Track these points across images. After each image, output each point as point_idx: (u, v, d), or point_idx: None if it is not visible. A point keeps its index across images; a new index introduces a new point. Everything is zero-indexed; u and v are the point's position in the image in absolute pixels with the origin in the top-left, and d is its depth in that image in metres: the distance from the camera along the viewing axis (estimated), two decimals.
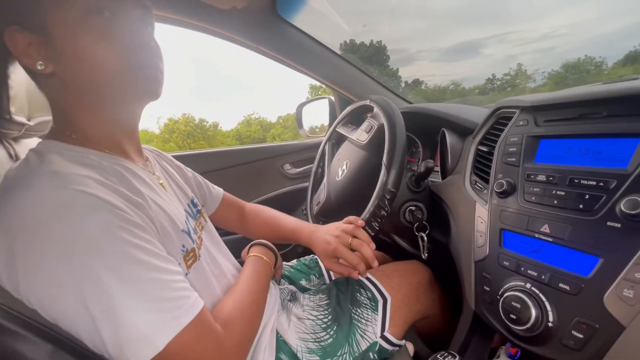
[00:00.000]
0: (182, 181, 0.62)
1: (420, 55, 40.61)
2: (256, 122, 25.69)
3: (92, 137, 0.44)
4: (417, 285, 0.74)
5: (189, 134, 30.58)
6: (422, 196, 0.76)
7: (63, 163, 0.37)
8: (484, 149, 0.63)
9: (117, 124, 0.47)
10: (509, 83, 24.08)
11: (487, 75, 33.92)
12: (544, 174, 0.49)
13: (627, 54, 23.24)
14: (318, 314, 0.66)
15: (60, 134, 0.43)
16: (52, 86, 0.42)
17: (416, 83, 45.72)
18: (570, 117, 0.50)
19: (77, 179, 0.35)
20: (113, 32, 0.41)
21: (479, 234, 0.57)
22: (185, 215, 0.52)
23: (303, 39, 1.03)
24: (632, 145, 0.41)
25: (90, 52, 0.40)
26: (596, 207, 0.41)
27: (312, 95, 23.06)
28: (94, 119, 0.44)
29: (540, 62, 34.80)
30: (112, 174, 0.41)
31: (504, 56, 38.98)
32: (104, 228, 0.33)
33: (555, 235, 0.45)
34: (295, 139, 2.51)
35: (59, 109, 0.44)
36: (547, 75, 22.12)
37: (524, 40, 45.07)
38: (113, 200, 0.35)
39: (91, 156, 0.41)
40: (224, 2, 0.84)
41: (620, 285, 0.37)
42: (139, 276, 0.34)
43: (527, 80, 23.41)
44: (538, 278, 0.45)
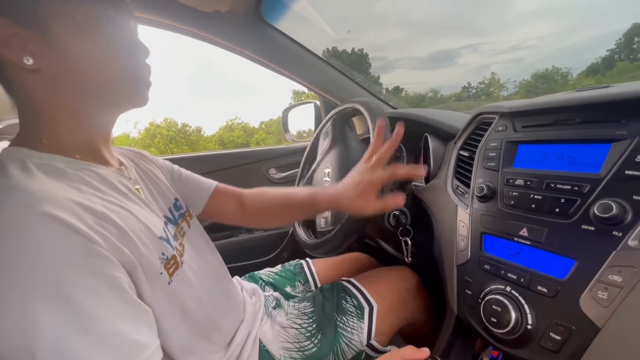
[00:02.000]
0: (165, 182, 0.59)
1: (399, 63, 41.86)
2: (239, 128, 25.45)
3: (66, 141, 0.42)
4: (404, 292, 0.74)
5: (172, 138, 29.96)
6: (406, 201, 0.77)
7: (24, 175, 0.35)
8: (465, 154, 0.64)
9: (95, 127, 0.46)
10: (484, 91, 25.25)
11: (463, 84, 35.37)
12: (522, 178, 0.50)
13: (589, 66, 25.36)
14: (302, 322, 0.65)
15: (27, 139, 0.41)
16: (31, 84, 0.40)
17: (397, 90, 46.62)
18: (545, 123, 0.51)
19: (37, 195, 0.32)
20: (113, 37, 0.42)
21: (460, 237, 0.57)
22: (163, 221, 0.50)
23: (288, 43, 1.03)
24: (603, 151, 0.42)
25: (91, 55, 0.40)
26: (571, 211, 0.42)
27: (295, 100, 23.16)
28: (72, 121, 0.43)
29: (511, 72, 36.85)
30: (79, 183, 0.38)
31: (478, 65, 40.85)
32: (56, 262, 0.30)
33: (533, 239, 0.46)
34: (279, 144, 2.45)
35: (33, 109, 0.41)
36: (518, 84, 23.59)
37: (495, 50, 47.49)
38: (73, 220, 0.32)
39: (58, 163, 0.39)
40: (207, 5, 0.84)
41: (595, 287, 0.38)
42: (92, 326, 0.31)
43: (500, 88, 24.67)
44: (517, 281, 0.46)
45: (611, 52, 24.14)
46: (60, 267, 0.30)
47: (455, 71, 40.57)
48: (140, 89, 0.45)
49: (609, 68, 22.24)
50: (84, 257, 0.32)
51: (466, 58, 40.92)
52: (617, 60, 22.50)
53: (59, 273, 0.30)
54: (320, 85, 1.15)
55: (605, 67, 22.78)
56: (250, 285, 0.77)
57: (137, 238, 0.39)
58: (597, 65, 24.08)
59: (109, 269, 0.34)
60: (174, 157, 1.19)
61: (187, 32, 0.92)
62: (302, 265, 0.91)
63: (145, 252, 0.40)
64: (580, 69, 26.79)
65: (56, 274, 0.30)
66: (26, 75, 0.39)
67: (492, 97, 24.03)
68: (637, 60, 21.37)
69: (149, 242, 0.41)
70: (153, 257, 0.41)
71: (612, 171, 0.40)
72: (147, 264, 0.40)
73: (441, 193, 0.66)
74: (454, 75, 41.28)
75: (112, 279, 0.34)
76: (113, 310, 0.33)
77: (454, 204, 0.61)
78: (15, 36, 0.37)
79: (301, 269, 0.90)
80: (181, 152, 28.58)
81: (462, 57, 42.87)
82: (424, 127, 0.83)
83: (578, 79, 23.35)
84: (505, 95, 23.44)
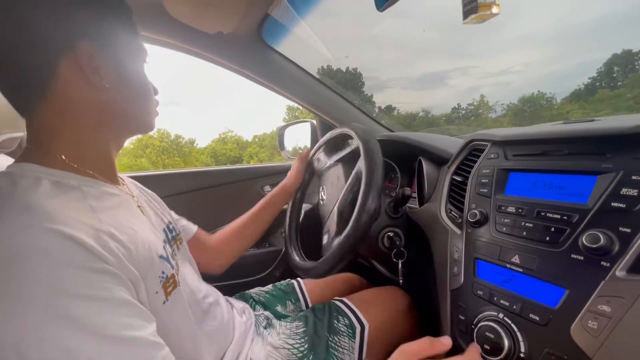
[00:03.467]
0: (157, 205, 0.60)
1: (391, 83, 43.36)
2: (232, 141, 25.46)
3: (82, 158, 0.43)
4: (395, 312, 0.74)
5: (164, 149, 29.79)
6: (400, 222, 0.78)
7: (38, 192, 0.35)
8: (459, 179, 0.66)
9: (115, 147, 0.49)
10: (473, 113, 26.24)
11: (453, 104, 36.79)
12: (513, 205, 0.51)
13: (572, 92, 26.76)
14: (294, 342, 0.64)
15: (40, 155, 0.41)
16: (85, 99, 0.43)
17: (389, 109, 47.74)
18: (535, 152, 0.53)
19: (53, 215, 0.33)
20: (145, 67, 0.50)
21: (454, 262, 0.58)
22: (162, 239, 0.50)
23: (287, 64, 1.06)
24: (590, 182, 0.44)
25: (141, 82, 0.48)
26: (561, 240, 0.44)
27: (289, 115, 23.41)
28: (99, 140, 0.46)
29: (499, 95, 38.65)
30: (91, 200, 0.39)
31: (468, 87, 42.62)
32: (71, 278, 0.31)
33: (525, 266, 0.47)
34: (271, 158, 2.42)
35: (63, 123, 0.42)
36: (506, 107, 24.64)
37: (484, 74, 49.85)
38: (86, 239, 0.33)
39: (71, 181, 0.40)
40: (210, 26, 0.86)
41: (585, 317, 0.39)
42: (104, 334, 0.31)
43: (488, 110, 25.65)
44: (510, 308, 0.47)
45: (593, 80, 25.53)
46: (71, 282, 0.31)
47: (445, 92, 42.24)
48: (155, 117, 0.53)
49: (590, 95, 23.48)
50: (96, 273, 0.33)
51: (456, 80, 42.79)
52: (598, 88, 23.78)
53: (71, 288, 0.31)
54: (317, 105, 1.17)
55: (587, 94, 24.09)
56: (241, 304, 0.76)
57: (142, 257, 0.40)
58: (580, 92, 25.45)
59: (119, 284, 0.35)
60: (171, 172, 1.19)
61: (190, 52, 0.94)
62: (294, 285, 0.90)
63: (148, 270, 0.41)
64: (564, 94, 28.23)
65: (68, 289, 0.30)
66: (90, 94, 0.42)
67: (481, 119, 25.03)
68: (616, 88, 22.64)
69: (152, 260, 0.42)
70: (154, 276, 0.42)
71: (599, 202, 0.42)
72: (149, 282, 0.41)
73: (435, 217, 0.67)
74: (444, 96, 42.90)
75: (123, 293, 0.34)
76: (129, 318, 0.34)
77: (447, 228, 0.62)
78: (94, 59, 0.41)
79: (292, 289, 0.89)
80: (173, 163, 28.24)
81: (452, 78, 44.76)
82: (418, 150, 0.85)
83: (562, 104, 24.56)
84: (493, 117, 24.51)
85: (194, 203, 1.15)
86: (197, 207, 1.16)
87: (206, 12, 0.80)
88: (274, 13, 0.88)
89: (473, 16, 0.43)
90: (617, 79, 23.63)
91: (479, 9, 0.42)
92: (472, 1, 0.42)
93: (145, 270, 0.40)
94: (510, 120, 24.12)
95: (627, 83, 22.32)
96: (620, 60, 23.93)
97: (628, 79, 22.66)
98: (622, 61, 23.89)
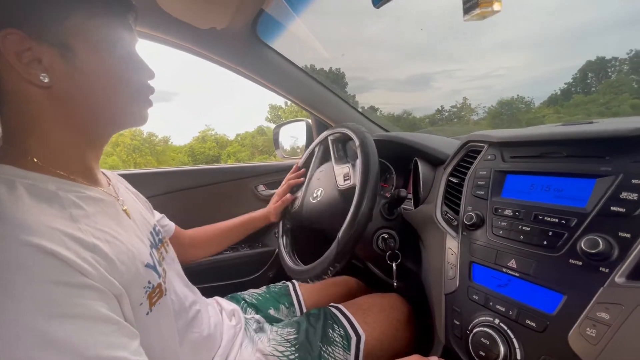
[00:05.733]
0: (142, 206, 0.58)
1: (377, 83, 43.62)
2: (212, 139, 24.92)
3: (58, 159, 0.40)
4: (394, 322, 0.71)
5: (135, 147, 28.82)
6: (395, 224, 0.77)
7: (12, 199, 0.33)
8: (455, 180, 0.65)
9: (92, 143, 0.45)
10: (456, 115, 26.64)
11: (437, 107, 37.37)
12: (510, 208, 0.50)
13: (550, 96, 27.69)
14: (284, 349, 0.62)
15: (14, 156, 0.38)
16: (34, 98, 0.38)
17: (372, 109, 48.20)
18: (533, 154, 0.52)
19: (27, 225, 0.31)
20: (124, 56, 0.43)
21: (449, 265, 0.57)
22: (149, 245, 0.48)
23: (282, 62, 1.04)
24: (589, 185, 0.43)
25: (106, 72, 0.41)
26: (559, 244, 0.43)
27: (271, 114, 23.20)
28: (69, 137, 0.41)
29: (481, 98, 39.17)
30: (71, 208, 0.37)
31: (452, 90, 43.04)
32: (46, 293, 0.29)
33: (522, 271, 0.46)
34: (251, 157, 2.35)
35: (28, 125, 0.39)
36: (487, 110, 25.18)
37: (468, 77, 50.41)
38: (64, 252, 0.31)
39: (48, 185, 0.37)
40: (203, 22, 0.84)
41: (583, 324, 0.38)
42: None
43: (471, 113, 26.09)
44: (506, 314, 0.46)
45: (569, 85, 26.26)
46: (49, 299, 0.29)
47: (430, 94, 42.57)
48: (143, 108, 0.47)
49: (566, 99, 24.22)
50: (75, 287, 0.31)
51: (441, 82, 43.14)
52: (573, 93, 24.50)
53: (49, 305, 0.29)
54: (312, 104, 1.16)
55: (563, 99, 24.91)
56: (231, 306, 0.74)
57: (126, 268, 0.38)
58: (557, 97, 26.26)
59: (100, 299, 0.33)
60: (165, 170, 1.17)
61: (182, 47, 0.92)
62: (288, 287, 0.88)
63: (132, 281, 0.39)
64: (542, 98, 29.04)
65: (45, 306, 0.29)
66: (30, 89, 0.38)
67: (464, 121, 25.61)
68: (590, 93, 23.34)
69: (136, 271, 0.40)
70: (139, 287, 0.40)
71: (598, 206, 0.41)
72: (134, 294, 0.38)
73: (430, 218, 0.66)
74: (429, 98, 43.23)
75: (103, 309, 0.32)
76: (109, 336, 0.32)
77: (442, 231, 0.61)
78: (29, 51, 0.36)
79: (287, 291, 0.87)
80: (144, 162, 27.60)
81: (438, 81, 45.11)
82: (413, 151, 0.83)
83: (539, 108, 25.32)
84: (475, 120, 25.06)
85: (188, 201, 1.13)
86: (192, 206, 1.14)
87: (199, 6, 0.78)
88: (269, 9, 0.86)
89: (474, 13, 0.42)
90: (591, 84, 24.38)
91: (480, 5, 0.40)
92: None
93: (130, 283, 0.38)
94: (488, 123, 24.76)
95: (600, 89, 23.10)
96: (594, 67, 24.72)
97: (601, 85, 23.44)
98: (595, 68, 24.69)
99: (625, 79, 23.42)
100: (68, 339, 0.29)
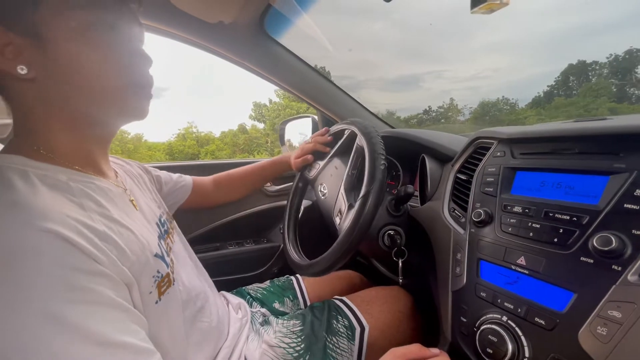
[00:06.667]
0: (155, 191, 0.59)
1: (367, 83, 43.28)
2: (192, 137, 24.24)
3: (64, 152, 0.40)
4: (397, 314, 0.72)
5: None
6: (401, 221, 0.76)
7: (27, 188, 0.33)
8: (463, 177, 0.64)
9: (94, 138, 0.45)
10: (443, 115, 26.57)
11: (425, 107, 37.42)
12: (520, 205, 0.50)
13: (533, 98, 27.86)
14: (290, 341, 0.63)
15: (24, 147, 0.39)
16: (26, 93, 0.38)
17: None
18: (544, 151, 0.51)
19: (42, 212, 0.31)
20: (111, 46, 0.40)
21: (456, 262, 0.56)
22: (157, 235, 0.49)
23: (289, 57, 1.04)
24: (602, 182, 0.42)
25: (88, 63, 0.38)
26: (570, 242, 0.42)
27: (255, 112, 22.89)
28: (70, 132, 0.41)
29: (468, 99, 38.97)
30: (81, 198, 0.37)
31: (440, 91, 42.78)
32: (61, 279, 0.29)
33: (531, 268, 0.45)
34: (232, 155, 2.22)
35: (28, 118, 0.40)
36: (472, 111, 25.28)
37: (456, 78, 50.06)
38: (78, 238, 0.32)
39: (59, 175, 0.38)
40: (211, 16, 0.84)
41: (594, 322, 0.37)
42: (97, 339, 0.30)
43: (457, 113, 26.05)
44: (514, 311, 0.45)
45: (551, 88, 26.27)
46: (64, 284, 0.29)
47: (419, 94, 42.30)
48: (138, 101, 0.44)
49: (549, 102, 24.41)
50: (88, 274, 0.31)
51: (430, 83, 42.80)
52: (555, 96, 24.56)
53: (63, 290, 0.29)
54: (319, 100, 1.15)
55: (546, 101, 25.10)
56: (237, 300, 0.75)
57: (137, 258, 0.38)
58: (540, 99, 26.44)
59: (111, 287, 0.33)
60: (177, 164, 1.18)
61: (189, 41, 0.92)
62: (292, 281, 0.89)
63: (142, 271, 0.39)
64: (526, 100, 29.14)
65: (60, 291, 0.29)
66: (20, 84, 0.38)
67: (450, 121, 25.69)
68: (571, 96, 23.38)
69: (146, 260, 0.40)
70: (148, 276, 0.40)
71: (611, 203, 0.40)
72: (143, 283, 0.39)
73: (437, 215, 0.66)
74: (418, 98, 42.98)
75: (114, 295, 0.33)
76: (120, 323, 0.32)
77: (450, 228, 0.60)
78: (11, 44, 0.36)
79: (290, 285, 0.87)
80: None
81: (427, 81, 44.80)
82: (420, 147, 0.83)
83: (522, 110, 25.42)
84: (462, 120, 25.13)
85: None
86: None
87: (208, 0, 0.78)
88: (276, 3, 0.86)
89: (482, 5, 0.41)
90: (573, 87, 24.39)
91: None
92: None
93: (140, 272, 0.38)
94: (471, 123, 24.95)
95: (581, 92, 23.16)
96: (575, 70, 24.74)
97: (581, 88, 23.51)
98: (577, 71, 24.73)
99: (605, 83, 23.51)
100: (81, 324, 0.29)
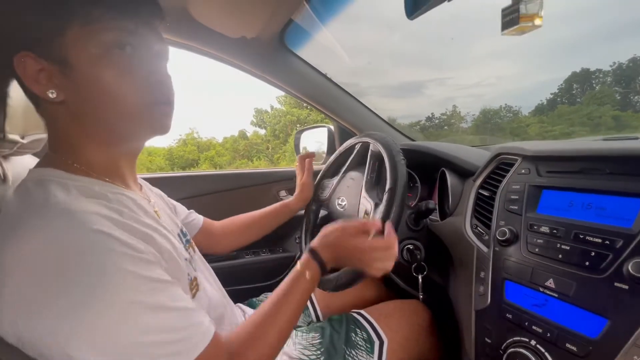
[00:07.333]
0: (168, 209, 0.61)
1: (371, 90, 42.95)
2: (192, 143, 24.26)
3: (95, 167, 0.43)
4: (416, 327, 0.71)
5: None
6: (421, 235, 0.75)
7: (70, 197, 0.36)
8: (485, 193, 0.63)
9: (123, 153, 0.47)
10: (446, 122, 26.18)
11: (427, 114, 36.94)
12: (547, 225, 0.49)
13: (536, 106, 27.43)
14: (310, 353, 0.63)
15: (60, 162, 0.41)
16: (58, 113, 0.41)
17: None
18: (572, 170, 0.50)
19: (89, 217, 0.34)
20: (134, 67, 0.41)
21: (479, 281, 0.55)
22: (183, 244, 0.51)
23: (308, 70, 1.06)
24: (636, 205, 0.41)
25: (110, 86, 0.39)
26: (603, 266, 0.41)
27: (256, 118, 22.92)
28: (99, 148, 0.43)
29: (472, 106, 38.19)
30: (118, 205, 0.39)
31: (444, 98, 42.02)
32: (122, 271, 0.33)
33: (561, 291, 0.44)
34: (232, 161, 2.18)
35: (61, 136, 0.42)
36: (475, 118, 24.92)
37: (459, 85, 49.29)
38: (125, 238, 0.35)
39: (94, 187, 0.40)
40: (234, 31, 0.86)
41: (630, 352, 0.36)
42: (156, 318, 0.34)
43: (460, 120, 25.59)
44: (543, 335, 0.44)
45: (554, 96, 25.74)
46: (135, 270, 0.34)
47: (422, 101, 41.76)
48: (163, 117, 0.44)
49: (552, 109, 23.96)
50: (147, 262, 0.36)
51: (433, 90, 42.21)
52: (558, 103, 24.07)
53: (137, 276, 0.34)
54: (337, 112, 1.16)
55: (549, 109, 24.70)
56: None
57: (172, 262, 0.42)
58: (543, 107, 26.04)
59: (162, 271, 0.37)
60: (190, 174, 1.20)
61: (212, 56, 0.94)
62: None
63: (178, 270, 0.43)
64: (529, 108, 28.54)
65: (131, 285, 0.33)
66: (53, 106, 0.40)
67: (454, 129, 25.36)
68: (575, 104, 22.86)
69: (178, 264, 0.44)
70: (183, 276, 0.44)
71: None
72: (180, 283, 0.42)
73: (459, 231, 0.65)
74: (421, 105, 42.39)
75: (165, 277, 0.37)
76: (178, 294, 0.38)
77: (472, 245, 0.60)
78: (43, 71, 0.38)
79: None
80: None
81: (429, 88, 44.22)
82: (440, 161, 0.82)
83: (524, 118, 25.03)
84: (465, 127, 24.77)
85: (208, 206, 1.15)
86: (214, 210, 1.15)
87: (231, 16, 0.80)
88: (298, 19, 0.87)
89: (513, 28, 0.41)
90: (576, 95, 23.85)
91: (521, 20, 0.40)
92: (513, 12, 0.39)
93: (176, 271, 0.42)
94: (473, 131, 24.54)
95: (584, 100, 22.63)
96: (579, 78, 24.26)
97: (585, 95, 22.98)
98: (580, 79, 24.23)
99: (608, 91, 22.94)
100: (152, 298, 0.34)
